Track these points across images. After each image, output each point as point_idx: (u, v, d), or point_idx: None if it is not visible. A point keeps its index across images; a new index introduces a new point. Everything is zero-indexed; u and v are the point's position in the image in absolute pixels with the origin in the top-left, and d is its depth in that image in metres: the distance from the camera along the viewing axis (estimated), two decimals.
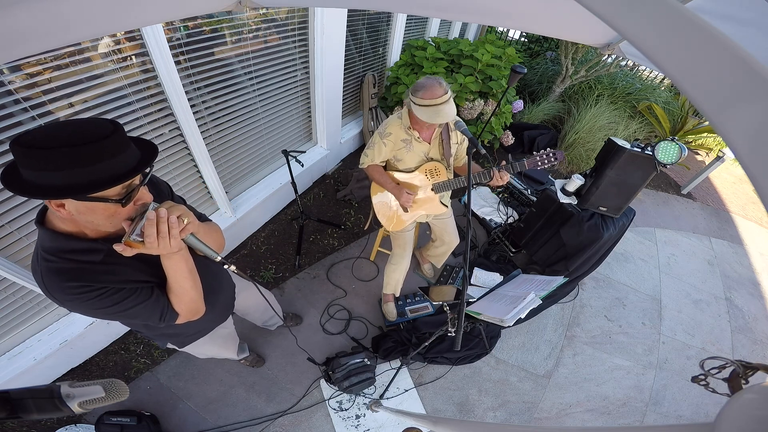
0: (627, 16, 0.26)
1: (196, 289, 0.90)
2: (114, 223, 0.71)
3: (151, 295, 0.83)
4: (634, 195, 2.12)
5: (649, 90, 4.95)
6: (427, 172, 1.76)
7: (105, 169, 0.62)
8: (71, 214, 0.66)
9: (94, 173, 0.61)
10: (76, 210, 0.66)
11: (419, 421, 1.08)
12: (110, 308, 0.77)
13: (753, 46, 0.77)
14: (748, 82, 0.21)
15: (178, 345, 1.21)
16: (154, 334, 1.10)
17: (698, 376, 0.53)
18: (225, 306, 1.26)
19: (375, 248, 2.61)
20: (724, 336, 2.79)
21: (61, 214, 0.66)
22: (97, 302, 0.75)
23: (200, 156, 1.97)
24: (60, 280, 0.71)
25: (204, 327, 1.23)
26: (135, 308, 0.81)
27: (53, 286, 0.72)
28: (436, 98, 1.41)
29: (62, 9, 0.62)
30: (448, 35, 4.85)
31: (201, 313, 0.97)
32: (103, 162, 0.61)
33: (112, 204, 0.67)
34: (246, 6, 1.11)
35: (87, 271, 0.73)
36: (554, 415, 2.12)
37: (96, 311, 0.77)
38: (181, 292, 0.87)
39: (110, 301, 0.76)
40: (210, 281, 1.04)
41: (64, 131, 0.60)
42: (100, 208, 0.67)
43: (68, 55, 1.27)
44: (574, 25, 1.17)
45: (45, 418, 0.70)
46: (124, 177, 0.64)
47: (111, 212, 0.69)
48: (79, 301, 0.73)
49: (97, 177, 0.61)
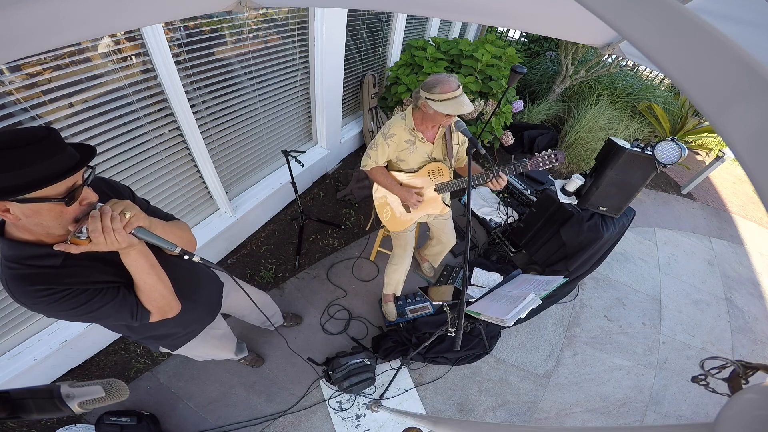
0: (627, 16, 0.26)
1: (162, 284, 0.90)
2: (63, 224, 0.72)
3: (117, 295, 0.84)
4: (634, 195, 2.12)
5: (649, 90, 4.95)
6: (430, 173, 1.76)
7: (40, 169, 0.63)
8: (18, 218, 0.67)
9: (29, 174, 0.62)
10: (22, 213, 0.66)
11: (419, 421, 1.08)
12: (77, 309, 0.78)
13: (753, 46, 0.77)
14: (748, 82, 0.21)
15: (170, 348, 1.21)
16: (141, 337, 1.10)
17: (698, 376, 0.53)
18: (208, 304, 1.25)
19: (375, 248, 2.61)
20: (724, 336, 2.79)
21: (9, 218, 0.67)
22: (63, 304, 0.76)
23: (200, 156, 1.97)
24: (23, 285, 0.73)
25: (192, 328, 1.22)
26: (103, 308, 0.82)
27: (18, 291, 0.73)
28: (454, 91, 1.44)
29: (62, 9, 0.62)
30: (448, 35, 4.84)
31: (176, 309, 0.97)
32: (38, 163, 0.63)
33: (56, 204, 0.68)
34: (246, 6, 1.11)
35: (48, 275, 0.75)
36: (554, 415, 2.12)
37: (64, 313, 0.79)
38: (148, 289, 0.87)
39: (76, 302, 0.77)
40: (184, 278, 1.04)
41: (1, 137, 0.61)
42: (45, 210, 0.68)
43: (68, 55, 1.27)
44: (574, 25, 1.17)
45: (45, 418, 0.71)
46: (61, 176, 0.65)
47: (57, 213, 0.69)
48: (45, 303, 0.75)
49: (32, 177, 0.62)
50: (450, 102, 1.44)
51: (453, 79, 1.45)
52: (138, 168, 1.70)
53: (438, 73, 1.50)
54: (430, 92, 1.46)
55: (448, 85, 1.44)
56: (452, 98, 1.43)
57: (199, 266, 1.13)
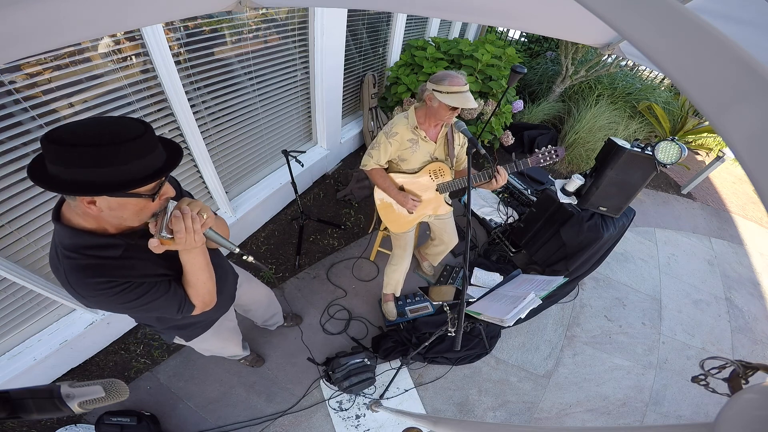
0: (627, 16, 0.26)
1: (211, 280, 0.93)
2: (141, 218, 0.73)
3: (169, 288, 0.85)
4: (634, 195, 2.12)
5: (649, 90, 4.95)
6: (432, 173, 1.76)
7: (139, 167, 0.64)
8: (101, 211, 0.67)
9: (130, 171, 0.63)
10: (108, 206, 0.67)
11: (419, 421, 1.08)
12: (133, 302, 0.79)
13: (753, 46, 0.77)
14: (748, 82, 0.21)
15: (185, 338, 1.22)
16: (164, 327, 1.12)
17: (698, 376, 0.53)
18: (228, 295, 1.28)
19: (375, 248, 2.61)
20: (724, 336, 2.79)
21: (92, 211, 0.67)
22: (122, 296, 0.76)
23: (200, 156, 1.97)
24: (84, 277, 0.72)
25: (210, 317, 1.24)
26: (156, 301, 0.83)
27: (78, 284, 0.73)
28: (462, 86, 1.47)
29: (62, 9, 0.62)
30: (448, 35, 4.84)
31: (214, 303, 1.00)
32: (138, 161, 0.64)
33: (143, 199, 0.69)
34: (246, 6, 1.11)
35: (109, 266, 0.75)
36: (554, 415, 2.12)
37: (120, 306, 0.79)
38: (199, 285, 0.90)
39: (134, 295, 0.78)
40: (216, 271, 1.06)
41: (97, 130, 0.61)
42: (132, 204, 0.69)
43: (68, 55, 1.27)
44: (574, 25, 1.17)
45: (45, 418, 0.70)
46: (158, 174, 0.67)
47: (140, 207, 0.71)
48: (105, 296, 0.75)
49: (133, 175, 0.64)
50: (456, 96, 1.46)
51: (461, 76, 1.50)
52: None
53: (445, 70, 1.54)
54: (439, 84, 1.49)
55: (457, 79, 1.48)
56: (459, 92, 1.46)
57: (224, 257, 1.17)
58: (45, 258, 1.51)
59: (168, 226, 0.73)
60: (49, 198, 1.40)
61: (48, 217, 1.44)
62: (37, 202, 1.38)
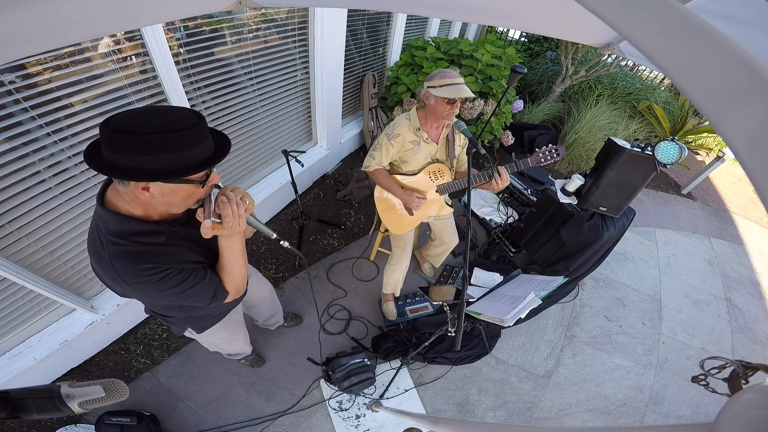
0: (627, 16, 0.26)
1: (246, 267, 0.95)
2: (188, 203, 0.77)
3: (205, 275, 0.87)
4: (634, 195, 2.12)
5: (649, 90, 4.95)
6: (431, 174, 1.76)
7: (193, 154, 0.67)
8: (153, 197, 0.69)
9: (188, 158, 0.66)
10: (160, 192, 0.69)
11: (419, 421, 1.08)
12: (174, 288, 0.81)
13: (753, 46, 0.77)
14: (748, 82, 0.21)
15: (197, 330, 1.23)
16: (180, 318, 1.12)
17: (698, 376, 0.54)
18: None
19: (375, 248, 2.61)
20: (724, 336, 2.79)
21: (144, 197, 0.69)
22: (164, 283, 0.78)
23: None
24: (131, 263, 0.74)
25: (224, 308, 1.26)
26: (194, 288, 0.84)
27: (124, 270, 0.74)
28: (454, 78, 1.49)
29: (62, 9, 0.62)
30: (448, 35, 4.84)
31: (244, 291, 1.02)
32: (191, 148, 0.67)
33: (193, 185, 0.72)
34: (246, 6, 1.11)
35: (154, 252, 0.77)
36: (554, 415, 2.12)
37: (160, 293, 0.80)
38: (235, 271, 0.92)
39: (175, 281, 0.80)
40: None
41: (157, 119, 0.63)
42: (183, 190, 0.72)
43: (68, 55, 1.27)
44: (574, 25, 1.17)
45: (45, 418, 0.70)
46: (210, 163, 0.70)
47: (190, 193, 0.74)
48: (149, 282, 0.76)
49: (191, 162, 0.67)
50: (450, 87, 1.48)
51: (454, 71, 1.52)
52: None
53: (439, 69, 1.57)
54: (431, 81, 1.52)
55: (449, 73, 1.50)
56: (452, 84, 1.48)
57: None
58: (45, 258, 1.51)
59: (216, 211, 0.76)
60: (49, 198, 1.40)
61: (48, 218, 1.44)
62: (38, 202, 1.38)
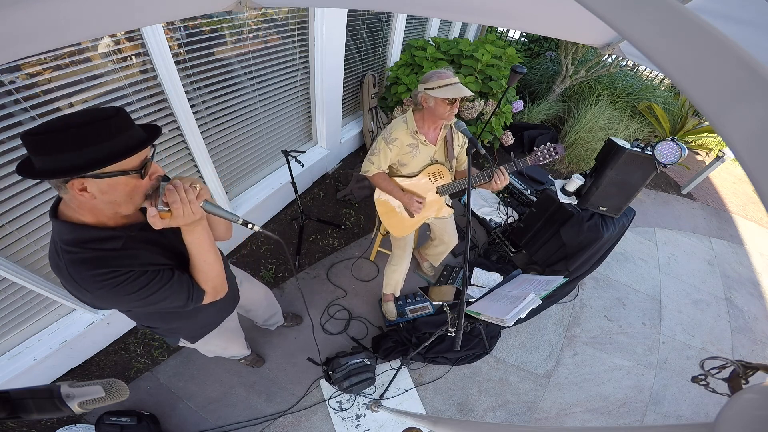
0: (627, 16, 0.26)
1: (219, 263, 0.93)
2: (134, 199, 0.74)
3: (173, 276, 0.85)
4: (634, 195, 2.12)
5: (649, 90, 4.95)
6: (431, 175, 1.76)
7: (118, 142, 0.66)
8: (94, 197, 0.69)
9: (107, 148, 0.65)
10: (99, 190, 0.68)
11: (419, 421, 1.08)
12: (138, 293, 0.79)
13: (753, 46, 0.77)
14: (748, 83, 0.21)
15: (190, 340, 1.22)
16: (170, 327, 1.11)
17: (698, 376, 0.54)
18: (232, 296, 1.27)
19: (375, 248, 2.61)
20: (724, 336, 2.79)
21: (84, 197, 0.68)
22: (126, 287, 0.77)
23: (200, 156, 1.97)
24: (86, 269, 0.73)
25: (216, 317, 1.25)
26: (161, 290, 0.83)
27: (80, 277, 0.73)
28: (451, 78, 1.49)
29: (62, 9, 0.62)
30: (448, 35, 4.84)
31: (225, 289, 0.99)
32: (116, 137, 0.66)
33: (132, 178, 0.71)
34: (246, 6, 1.11)
35: (111, 257, 0.76)
36: (554, 415, 2.12)
37: (124, 297, 0.79)
38: (207, 268, 0.90)
39: (137, 285, 0.78)
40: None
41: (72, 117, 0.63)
42: (121, 184, 0.70)
43: (68, 55, 1.27)
44: (574, 25, 1.17)
45: (45, 418, 0.70)
46: (138, 147, 0.69)
47: (132, 187, 0.72)
48: (109, 287, 0.75)
49: (110, 150, 0.66)
50: (448, 87, 1.48)
51: (449, 71, 1.52)
52: None
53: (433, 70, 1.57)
54: (428, 82, 1.51)
55: (444, 74, 1.50)
56: (450, 84, 1.48)
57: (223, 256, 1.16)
58: (45, 258, 1.51)
59: (163, 200, 0.74)
60: (49, 198, 1.40)
61: (48, 217, 1.44)
62: (37, 202, 1.38)
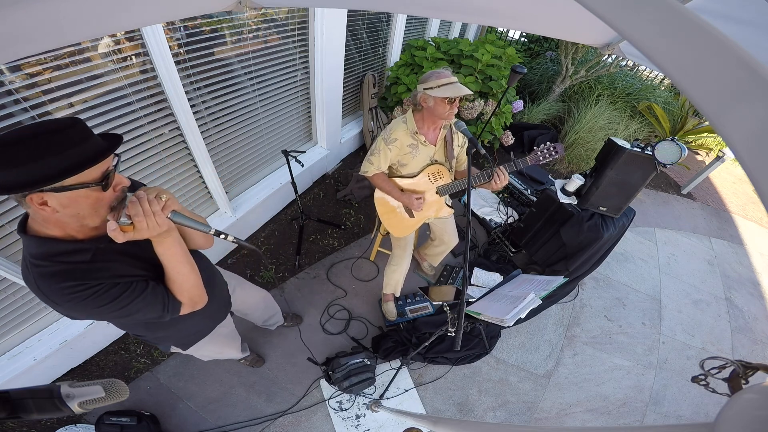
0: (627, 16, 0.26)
1: (194, 273, 0.90)
2: (99, 212, 0.72)
3: (146, 287, 0.83)
4: (634, 195, 2.12)
5: (649, 90, 4.95)
6: (431, 176, 1.76)
7: (76, 153, 0.64)
8: (56, 211, 0.66)
9: (66, 159, 0.62)
10: (59, 204, 0.66)
11: (419, 421, 1.08)
12: (109, 305, 0.77)
13: (753, 46, 0.77)
14: (748, 83, 0.21)
15: (181, 347, 1.21)
16: (156, 336, 1.10)
17: (698, 376, 0.54)
18: (221, 302, 1.26)
19: (375, 248, 2.61)
20: (724, 336, 2.79)
21: (46, 212, 0.66)
22: (96, 300, 0.75)
23: (200, 156, 1.97)
24: (54, 282, 0.71)
25: (205, 325, 1.23)
26: (134, 302, 0.80)
27: (49, 290, 0.72)
28: (449, 77, 1.50)
29: (62, 9, 0.62)
30: (448, 35, 4.84)
31: (204, 300, 0.97)
32: (72, 148, 0.63)
33: (93, 190, 0.68)
34: (246, 6, 1.11)
35: (79, 270, 0.74)
36: (554, 415, 2.12)
37: (96, 310, 0.77)
38: (181, 279, 0.87)
39: (108, 297, 0.76)
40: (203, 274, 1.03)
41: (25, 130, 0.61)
42: (83, 197, 0.68)
43: (68, 55, 1.27)
44: (574, 25, 1.17)
45: (45, 418, 0.70)
46: (96, 158, 0.66)
47: (94, 200, 0.70)
48: (78, 300, 0.73)
49: (68, 163, 0.63)
50: (447, 87, 1.48)
51: (447, 71, 1.53)
52: (138, 168, 1.70)
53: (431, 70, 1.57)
54: (427, 82, 1.51)
55: (443, 73, 1.51)
56: (449, 83, 1.48)
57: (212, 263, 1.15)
58: None
59: (126, 212, 0.71)
60: None
61: None
62: None
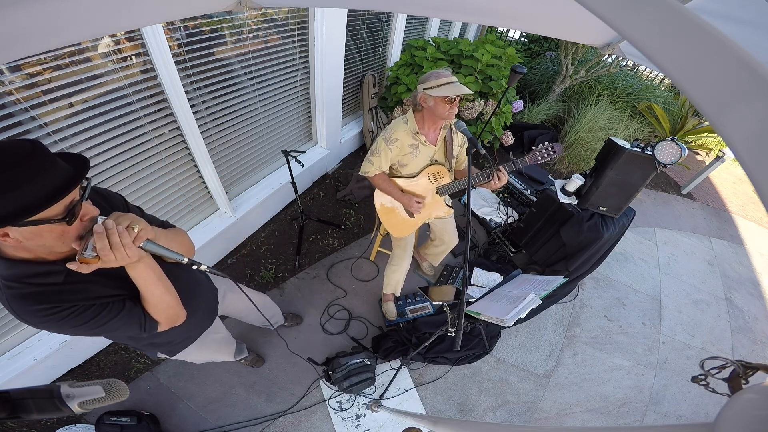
0: (627, 16, 0.26)
1: (170, 294, 0.89)
2: (66, 242, 0.69)
3: (123, 308, 0.82)
4: (634, 195, 2.12)
5: (649, 90, 4.95)
6: (431, 176, 1.76)
7: (34, 190, 0.58)
8: (19, 242, 0.63)
9: (23, 197, 0.57)
10: (22, 236, 0.62)
11: (419, 421, 1.08)
12: (86, 325, 0.76)
13: (753, 46, 0.77)
14: (748, 83, 0.21)
15: (168, 354, 1.20)
16: (141, 345, 1.09)
17: (698, 376, 0.53)
18: (207, 310, 1.24)
19: (375, 248, 2.61)
20: (724, 336, 2.79)
21: (9, 243, 0.62)
22: (70, 321, 0.74)
23: (200, 156, 1.97)
24: (27, 305, 0.70)
25: (190, 333, 1.21)
26: (111, 322, 0.80)
27: (22, 311, 0.70)
28: (449, 77, 1.51)
29: (62, 9, 0.62)
30: (448, 35, 4.84)
31: (182, 317, 0.96)
32: (30, 183, 0.58)
33: (58, 225, 0.64)
34: (246, 6, 1.11)
35: (52, 293, 0.72)
36: (554, 415, 2.12)
37: (73, 329, 0.76)
38: (156, 300, 0.86)
39: (83, 318, 0.75)
40: (185, 286, 1.02)
41: None
42: (46, 231, 0.64)
43: (68, 55, 1.27)
44: (574, 25, 1.17)
45: (45, 418, 0.70)
46: (57, 195, 0.61)
47: (59, 233, 0.66)
48: (53, 321, 0.72)
49: (28, 201, 0.58)
50: (447, 86, 1.49)
51: (446, 70, 1.54)
52: (138, 168, 1.70)
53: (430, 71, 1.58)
54: (426, 83, 1.52)
55: (442, 73, 1.52)
56: (448, 83, 1.49)
57: (195, 272, 1.11)
58: None
59: (93, 244, 0.68)
60: None
61: None
62: None
